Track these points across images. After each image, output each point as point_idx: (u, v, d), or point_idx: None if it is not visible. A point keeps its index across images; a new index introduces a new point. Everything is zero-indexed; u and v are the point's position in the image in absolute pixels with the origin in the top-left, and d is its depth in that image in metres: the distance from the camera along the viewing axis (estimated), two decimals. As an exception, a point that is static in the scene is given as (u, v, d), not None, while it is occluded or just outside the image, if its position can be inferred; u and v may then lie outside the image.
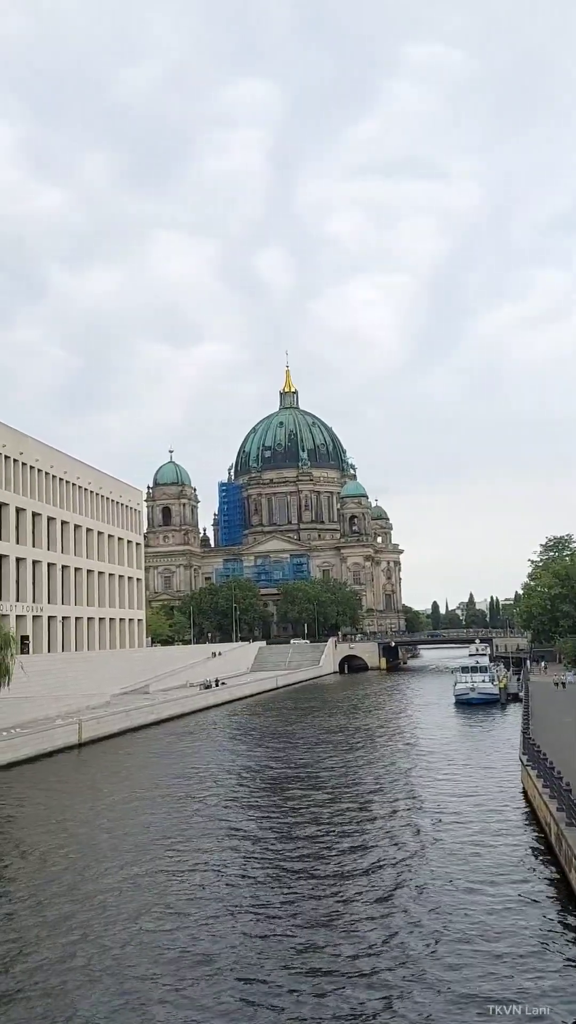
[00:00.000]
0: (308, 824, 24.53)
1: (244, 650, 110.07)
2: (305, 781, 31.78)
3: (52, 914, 17.15)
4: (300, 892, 18.22)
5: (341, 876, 19.29)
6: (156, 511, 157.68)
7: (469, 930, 15.46)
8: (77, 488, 69.42)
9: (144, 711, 53.42)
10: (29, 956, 14.95)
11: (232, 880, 19.30)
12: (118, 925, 16.39)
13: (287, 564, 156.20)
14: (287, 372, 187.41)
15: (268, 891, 18.43)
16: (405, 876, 19.04)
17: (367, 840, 22.55)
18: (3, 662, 37.91)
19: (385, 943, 15.05)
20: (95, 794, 30.90)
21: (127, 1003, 12.89)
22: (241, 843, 22.72)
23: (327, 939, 15.35)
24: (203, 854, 21.59)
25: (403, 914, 16.54)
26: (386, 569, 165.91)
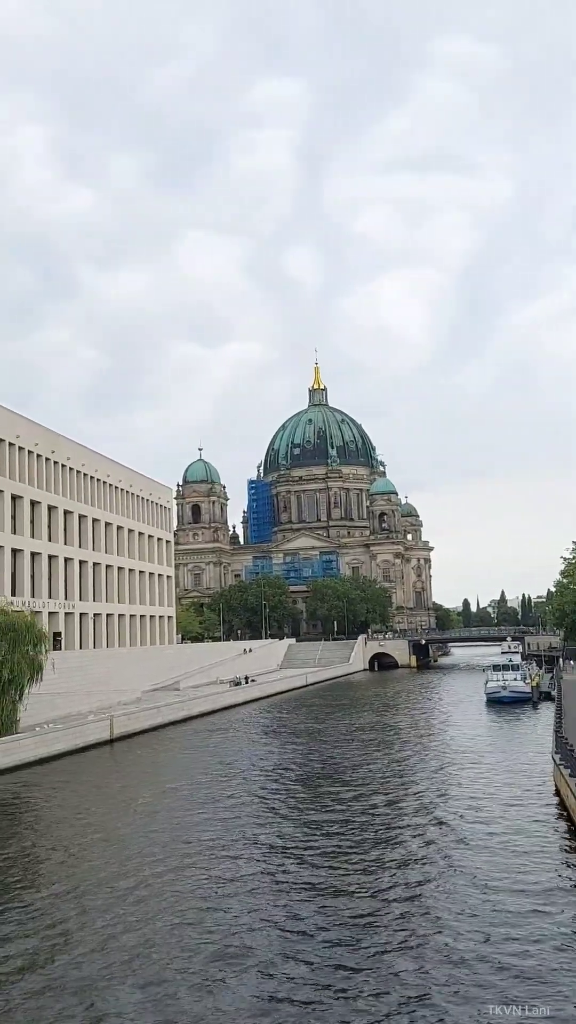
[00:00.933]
0: (339, 820, 24.49)
1: (274, 647, 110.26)
2: (336, 778, 31.73)
3: (87, 905, 17.34)
4: (332, 888, 18.18)
5: (371, 871, 19.22)
6: (186, 509, 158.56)
7: (500, 929, 15.32)
8: (108, 486, 70.05)
9: (174, 707, 53.77)
10: (66, 947, 15.13)
11: (264, 875, 19.33)
12: (152, 917, 16.52)
13: (316, 561, 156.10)
14: (316, 369, 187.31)
15: (300, 887, 18.41)
16: (435, 873, 18.92)
17: (397, 837, 22.45)
18: (35, 658, 38.33)
19: (415, 938, 14.97)
20: (128, 789, 31.18)
21: (160, 995, 12.99)
22: (273, 839, 22.75)
23: (360, 935, 15.31)
24: (235, 849, 21.65)
25: (433, 911, 16.44)
26: (416, 566, 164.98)
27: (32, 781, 32.82)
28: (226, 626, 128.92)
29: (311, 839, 22.63)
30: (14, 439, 55.10)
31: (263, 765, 35.76)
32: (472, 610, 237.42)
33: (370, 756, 37.19)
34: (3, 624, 37.40)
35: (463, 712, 56.59)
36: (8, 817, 27.31)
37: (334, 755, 37.70)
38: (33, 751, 36.59)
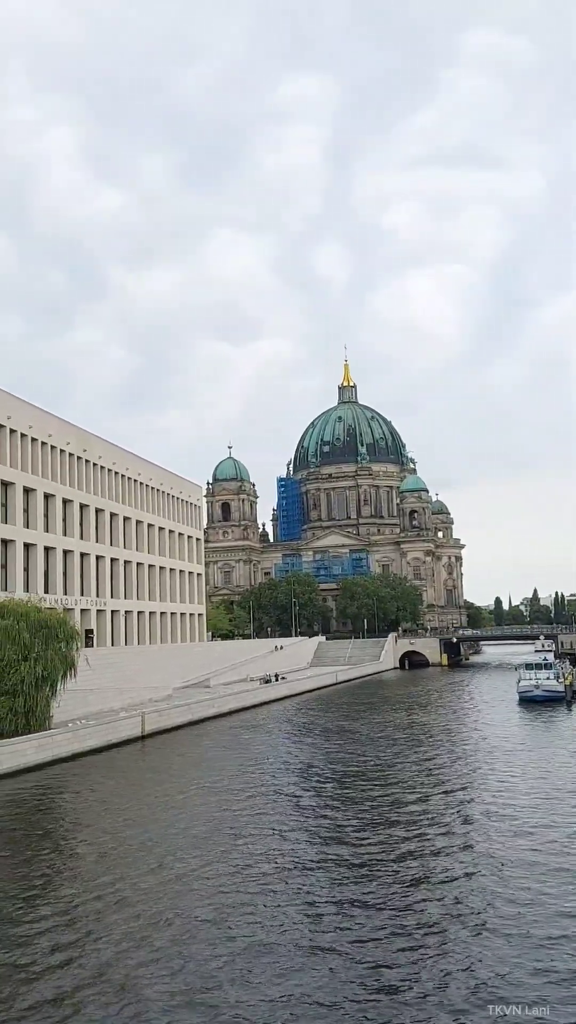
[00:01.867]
0: (369, 820, 24.35)
1: (304, 645, 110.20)
2: (366, 777, 31.58)
3: (119, 898, 17.45)
4: (363, 887, 18.07)
5: (403, 871, 19.06)
6: (215, 507, 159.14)
7: (531, 931, 15.09)
8: (138, 484, 70.52)
9: (205, 704, 53.97)
10: (99, 939, 15.23)
11: (295, 871, 19.28)
12: (185, 910, 16.57)
13: (346, 559, 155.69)
14: (345, 366, 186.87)
15: (329, 884, 18.33)
16: (467, 872, 18.72)
17: (429, 837, 22.25)
18: (68, 655, 38.71)
19: (449, 942, 14.82)
20: (160, 785, 31.33)
21: (192, 989, 13.01)
22: (304, 836, 22.69)
23: (392, 935, 15.19)
24: (266, 845, 21.62)
25: (464, 914, 16.26)
26: (447, 564, 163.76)
27: (66, 776, 33.15)
28: (256, 624, 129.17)
29: (344, 837, 22.51)
30: (46, 438, 55.71)
31: (294, 763, 35.73)
32: (504, 608, 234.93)
33: (401, 755, 36.95)
34: (36, 621, 37.81)
35: (495, 711, 56.02)
36: (44, 811, 27.62)
37: (365, 753, 37.53)
38: (66, 747, 36.95)
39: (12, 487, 51.46)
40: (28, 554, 53.03)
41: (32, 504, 53.83)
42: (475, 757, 35.98)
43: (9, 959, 14.61)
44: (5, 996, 13.10)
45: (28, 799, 29.04)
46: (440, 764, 34.46)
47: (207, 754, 40.11)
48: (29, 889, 18.66)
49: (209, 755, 39.66)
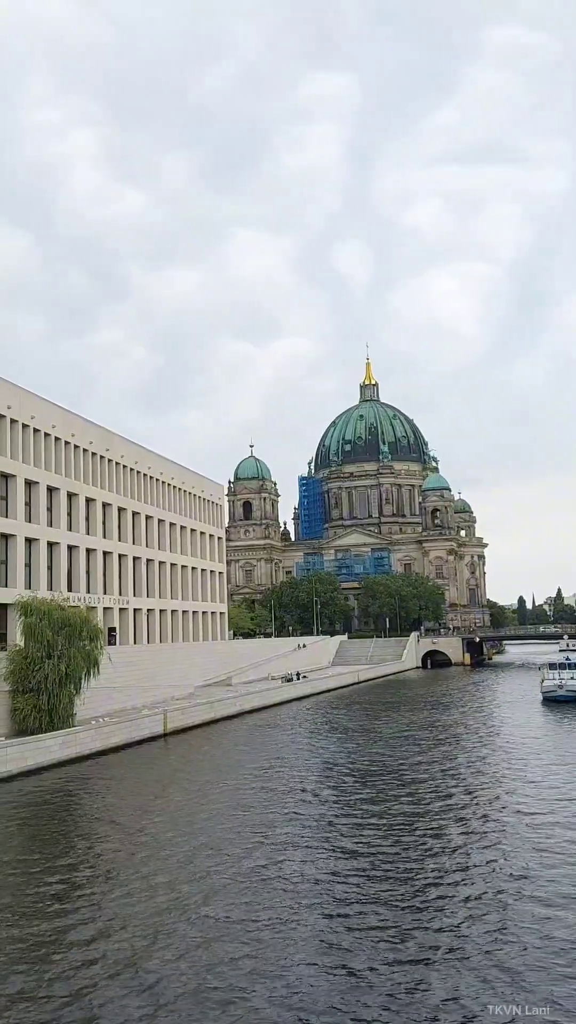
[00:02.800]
0: (392, 819, 24.25)
1: (325, 644, 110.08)
2: (388, 776, 31.45)
3: (143, 893, 17.54)
4: (386, 887, 17.99)
5: (426, 868, 18.96)
6: (237, 505, 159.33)
7: (554, 932, 14.93)
8: (161, 483, 70.80)
9: (227, 703, 54.08)
10: (122, 933, 15.31)
11: (316, 869, 19.24)
12: (207, 907, 16.61)
13: (368, 558, 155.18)
14: (367, 364, 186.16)
15: (352, 882, 18.27)
16: (489, 872, 18.59)
17: (450, 835, 22.12)
18: (91, 653, 38.99)
19: (470, 940, 14.71)
20: (182, 783, 31.45)
21: (215, 987, 13.03)
22: (326, 834, 22.64)
23: (414, 934, 15.11)
24: (289, 843, 21.61)
25: (487, 911, 16.13)
26: (470, 563, 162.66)
27: (90, 773, 33.39)
28: (277, 623, 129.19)
29: (367, 837, 22.44)
30: (69, 437, 56.11)
31: (316, 761, 35.69)
32: (527, 608, 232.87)
33: (424, 754, 36.76)
34: (60, 619, 38.12)
35: (519, 711, 55.57)
36: (69, 807, 27.87)
37: (387, 753, 37.39)
38: (89, 744, 37.23)
39: (36, 486, 51.89)
40: (51, 553, 53.45)
41: (55, 503, 54.26)
42: (498, 757, 35.70)
43: (35, 949, 14.73)
44: (31, 984, 13.21)
45: (53, 795, 29.29)
46: (463, 764, 34.22)
47: (229, 752, 40.19)
48: (54, 884, 18.80)
49: (231, 753, 39.74)
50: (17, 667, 36.96)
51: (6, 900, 17.91)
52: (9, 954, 14.77)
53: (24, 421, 50.81)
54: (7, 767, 31.62)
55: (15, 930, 15.99)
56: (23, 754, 32.81)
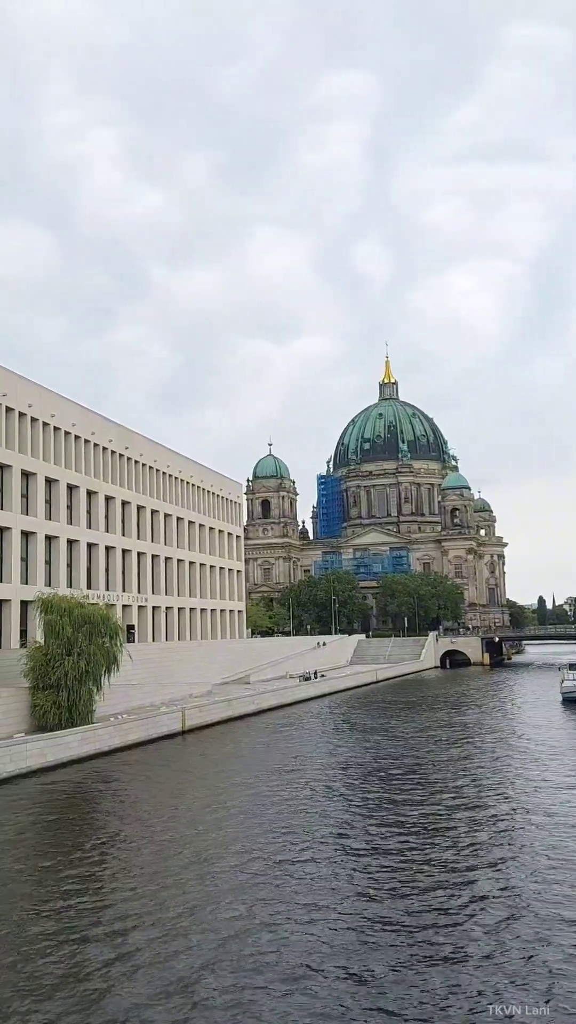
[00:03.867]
0: (411, 818, 24.16)
1: (343, 643, 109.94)
2: (407, 776, 31.34)
3: (158, 889, 17.62)
4: (406, 887, 17.93)
5: (446, 871, 18.87)
6: (255, 504, 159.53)
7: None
8: (180, 482, 71.03)
9: (245, 701, 54.16)
10: (137, 927, 15.38)
11: (335, 868, 19.22)
12: (221, 902, 16.64)
13: (386, 557, 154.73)
14: (387, 363, 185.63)
15: (371, 882, 18.23)
16: (508, 873, 18.45)
17: (470, 836, 21.98)
18: (111, 650, 39.18)
19: (489, 943, 14.61)
20: (200, 780, 31.56)
21: (235, 986, 13.05)
22: (344, 833, 22.60)
23: (435, 935, 15.04)
24: (306, 842, 21.59)
25: (504, 914, 16.02)
26: (489, 563, 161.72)
27: (109, 769, 33.58)
28: (295, 621, 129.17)
29: (384, 834, 22.37)
30: (89, 436, 56.44)
31: (334, 760, 35.64)
32: (547, 607, 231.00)
33: (442, 754, 36.60)
34: (79, 616, 38.35)
35: (538, 712, 55.16)
36: (87, 802, 28.08)
37: (406, 752, 37.27)
38: (108, 740, 37.45)
39: (56, 484, 52.26)
40: (71, 550, 53.83)
41: (75, 501, 54.61)
42: (517, 757, 35.45)
43: (51, 941, 14.84)
44: (48, 976, 13.31)
45: (72, 790, 29.49)
46: (482, 764, 34.03)
47: (247, 750, 40.24)
48: (73, 876, 18.92)
49: (249, 751, 39.79)
50: (37, 663, 37.24)
51: (27, 891, 18.05)
52: (33, 944, 14.89)
53: (44, 419, 51.18)
54: (28, 763, 31.88)
55: (35, 925, 16.11)
56: (43, 750, 33.07)
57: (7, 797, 28.28)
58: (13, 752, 31.57)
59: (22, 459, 48.62)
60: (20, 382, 49.49)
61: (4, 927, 16.02)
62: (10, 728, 35.24)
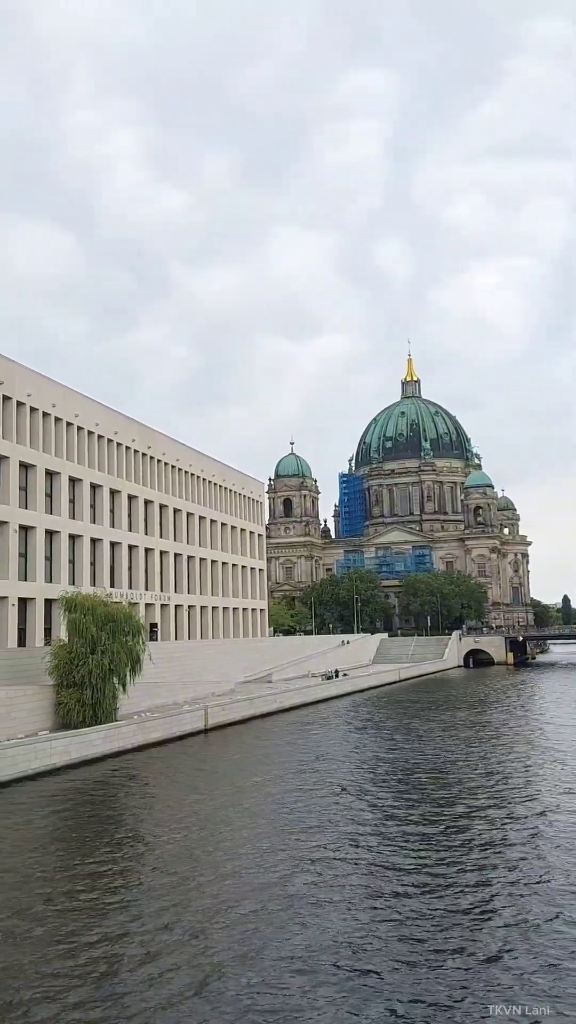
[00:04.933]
0: (435, 819, 23.97)
1: (366, 642, 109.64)
2: (431, 776, 31.13)
3: (179, 888, 17.64)
4: (429, 886, 17.78)
5: (468, 872, 18.69)
6: (277, 503, 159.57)
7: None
8: (202, 481, 71.21)
9: (267, 699, 54.16)
10: (164, 928, 15.40)
11: (357, 867, 19.12)
12: (243, 903, 16.62)
13: (409, 556, 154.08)
14: (409, 361, 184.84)
15: (393, 882, 18.10)
16: (529, 874, 18.22)
17: (493, 836, 21.75)
18: (134, 649, 39.34)
19: (510, 945, 14.44)
20: (223, 779, 31.57)
21: (255, 987, 13.01)
22: (367, 833, 22.49)
23: (457, 934, 14.89)
24: (329, 840, 21.51)
25: (526, 915, 15.82)
26: (513, 561, 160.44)
27: (132, 766, 33.73)
28: (317, 620, 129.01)
29: (407, 834, 22.23)
30: (112, 435, 56.75)
31: (356, 759, 35.50)
32: (572, 607, 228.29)
33: (466, 754, 36.31)
34: (103, 615, 38.54)
35: (563, 711, 54.55)
36: (110, 800, 28.21)
37: (429, 752, 37.03)
38: (131, 738, 37.62)
39: (79, 483, 52.60)
40: (94, 549, 54.16)
41: (98, 500, 54.94)
42: (542, 757, 35.08)
43: (74, 936, 14.90)
44: (73, 970, 13.35)
45: (96, 788, 29.65)
46: (508, 764, 33.70)
47: (269, 749, 40.21)
48: (90, 876, 19.01)
49: (271, 750, 39.76)
50: (62, 662, 37.48)
51: (49, 889, 18.15)
52: (54, 941, 14.98)
53: (68, 419, 51.52)
54: (52, 760, 32.11)
55: (61, 922, 16.19)
56: (67, 748, 33.29)
57: (32, 794, 28.50)
58: (38, 749, 31.82)
59: (46, 458, 48.99)
60: (44, 382, 49.86)
61: (28, 922, 16.11)
62: (35, 726, 35.52)
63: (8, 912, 16.73)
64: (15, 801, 27.39)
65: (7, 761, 29.92)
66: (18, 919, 16.32)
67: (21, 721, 34.86)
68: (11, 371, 46.57)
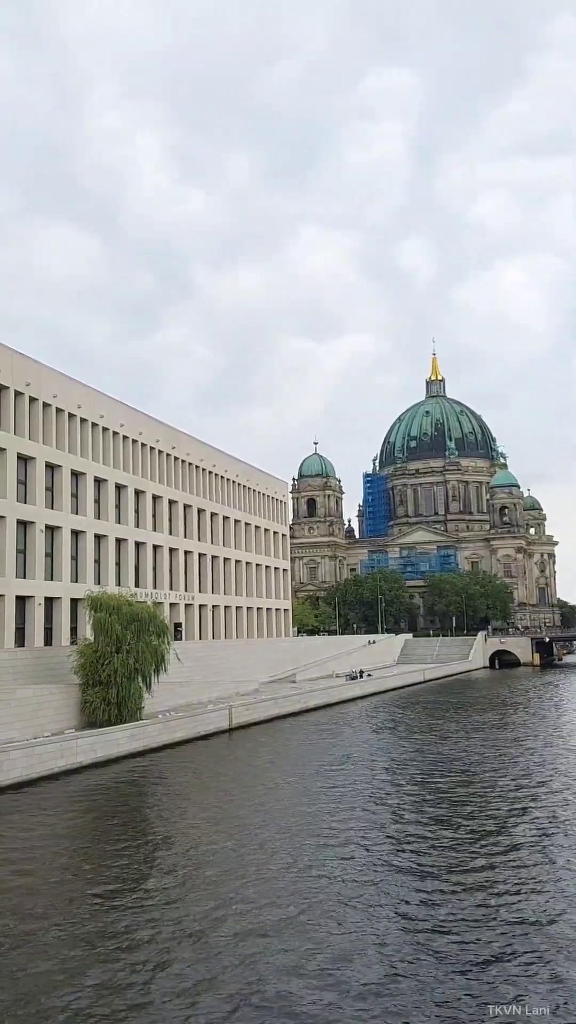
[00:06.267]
0: (460, 822, 23.79)
1: (390, 642, 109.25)
2: (456, 778, 30.89)
3: (203, 886, 17.68)
4: (453, 889, 17.64)
5: (495, 876, 18.50)
6: (301, 503, 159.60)
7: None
8: (226, 481, 71.40)
9: (291, 699, 54.15)
10: (185, 922, 15.43)
11: (381, 868, 19.00)
12: (268, 901, 16.59)
13: (433, 556, 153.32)
14: (434, 360, 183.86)
15: (417, 884, 17.97)
16: (555, 874, 17.99)
17: (516, 838, 21.52)
18: (159, 648, 39.53)
19: (530, 947, 14.25)
20: (247, 778, 31.58)
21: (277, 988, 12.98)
22: (392, 830, 22.37)
23: (480, 937, 14.75)
24: (351, 837, 21.42)
25: (554, 916, 15.61)
26: (539, 562, 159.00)
27: (157, 765, 33.89)
28: (341, 620, 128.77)
29: (433, 834, 22.07)
30: (136, 436, 57.09)
31: (381, 760, 35.35)
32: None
33: (493, 756, 36.00)
34: (128, 614, 38.76)
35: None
36: (136, 797, 28.36)
37: (454, 754, 36.77)
38: (156, 737, 37.80)
39: (104, 483, 52.98)
40: (119, 549, 54.52)
41: (123, 500, 55.30)
42: (571, 760, 34.67)
43: (100, 933, 14.99)
44: (95, 964, 13.43)
45: (121, 786, 29.83)
46: (537, 768, 33.34)
47: (295, 749, 40.18)
48: (119, 871, 19.10)
49: (296, 750, 39.72)
50: (87, 661, 37.76)
51: (75, 887, 18.28)
52: (90, 932, 15.09)
53: (93, 420, 51.92)
54: (78, 758, 32.36)
55: (91, 924, 16.29)
56: (93, 746, 33.54)
57: (58, 791, 28.73)
58: (64, 747, 32.09)
59: (72, 459, 49.41)
60: (70, 383, 50.29)
61: (53, 919, 16.24)
62: (61, 724, 35.83)
63: (51, 909, 16.87)
64: (47, 797, 27.64)
65: (35, 759, 30.21)
66: (59, 916, 16.45)
67: (48, 719, 35.18)
68: (37, 373, 47.04)
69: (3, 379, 43.89)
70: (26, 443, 45.44)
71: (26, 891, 18.13)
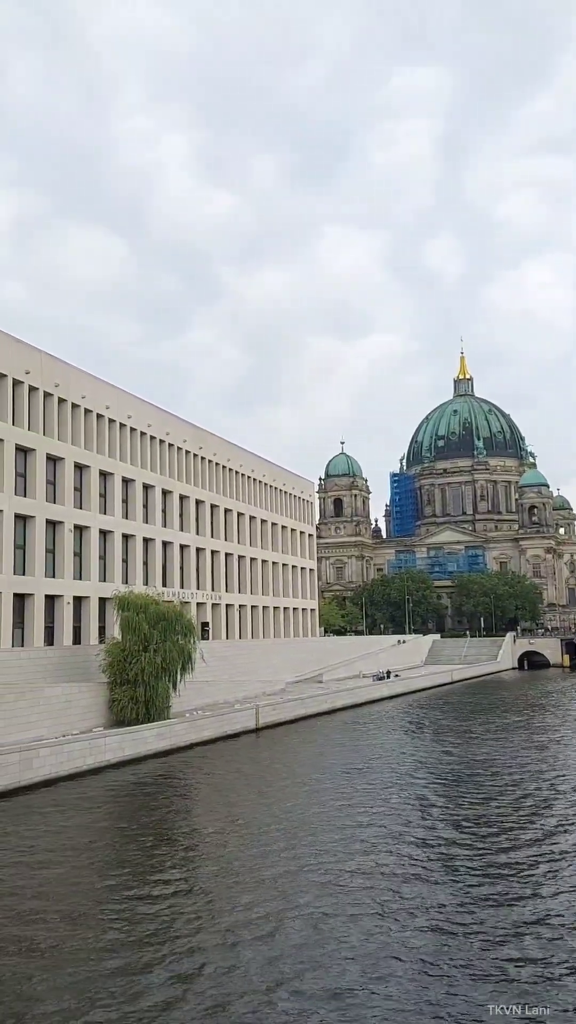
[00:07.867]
0: (488, 825, 23.51)
1: (418, 642, 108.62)
2: (485, 780, 30.56)
3: (233, 884, 17.66)
4: (478, 892, 17.43)
5: (520, 877, 18.25)
6: (328, 502, 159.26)
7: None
8: (252, 480, 71.47)
9: (318, 700, 54.03)
10: (213, 920, 15.42)
11: (409, 875, 18.85)
12: (294, 900, 16.53)
13: (461, 556, 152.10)
14: (462, 359, 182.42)
15: (441, 889, 17.79)
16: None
17: (544, 841, 21.20)
18: (186, 647, 39.67)
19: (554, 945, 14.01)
20: (275, 777, 31.55)
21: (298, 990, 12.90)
22: (419, 833, 22.17)
23: (506, 939, 14.54)
24: (376, 838, 21.29)
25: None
26: (569, 562, 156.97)
27: (184, 764, 33.99)
28: (368, 620, 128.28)
29: (458, 838, 21.84)
30: (164, 436, 57.37)
31: (408, 761, 35.09)
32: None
33: (520, 757, 35.56)
34: (155, 614, 38.95)
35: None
36: (164, 796, 28.44)
37: (482, 755, 36.38)
38: (184, 736, 37.93)
39: (132, 483, 53.29)
40: (147, 548, 54.81)
41: (150, 500, 55.60)
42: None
43: (126, 929, 15.03)
44: (126, 959, 13.46)
45: (149, 784, 29.96)
46: (561, 767, 32.87)
47: (320, 749, 40.06)
48: (147, 871, 19.15)
49: (322, 750, 39.60)
50: (115, 659, 38.00)
51: (100, 884, 18.36)
52: (122, 929, 15.15)
53: (121, 420, 52.26)
54: (106, 756, 32.57)
55: (127, 923, 16.35)
56: (120, 744, 33.73)
57: (86, 789, 28.94)
58: (92, 745, 32.31)
59: (100, 459, 49.77)
60: (98, 384, 50.67)
61: (79, 917, 16.33)
62: (89, 722, 36.09)
63: (84, 899, 16.97)
64: (82, 795, 27.88)
65: (63, 756, 30.46)
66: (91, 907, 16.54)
67: (76, 717, 35.46)
68: (66, 374, 47.45)
69: (33, 380, 44.34)
70: (55, 443, 45.86)
71: (50, 883, 18.24)
